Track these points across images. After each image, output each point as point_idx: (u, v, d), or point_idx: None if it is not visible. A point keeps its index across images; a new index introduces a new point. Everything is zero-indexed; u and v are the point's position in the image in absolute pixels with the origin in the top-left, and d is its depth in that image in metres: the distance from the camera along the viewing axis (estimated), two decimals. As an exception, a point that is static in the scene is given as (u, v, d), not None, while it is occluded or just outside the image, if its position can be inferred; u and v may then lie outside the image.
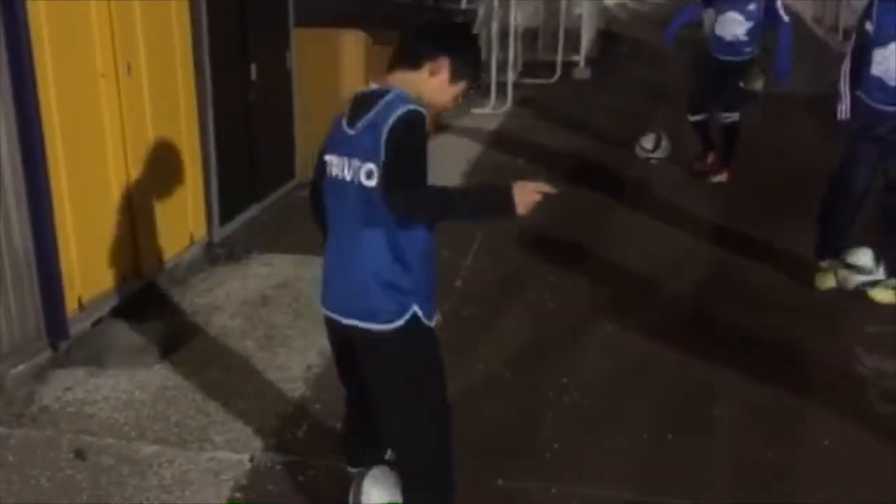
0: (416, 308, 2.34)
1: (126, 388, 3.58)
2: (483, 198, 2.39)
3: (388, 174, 2.21)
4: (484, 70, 9.11)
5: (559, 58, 10.08)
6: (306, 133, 5.95)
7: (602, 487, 3.00)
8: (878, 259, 4.41)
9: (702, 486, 3.01)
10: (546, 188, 2.28)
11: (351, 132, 2.33)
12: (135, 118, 4.13)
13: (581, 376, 3.71)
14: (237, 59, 5.13)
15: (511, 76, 8.83)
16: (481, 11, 8.99)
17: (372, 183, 2.26)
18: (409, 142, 2.22)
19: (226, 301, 4.39)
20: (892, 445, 3.22)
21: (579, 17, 10.54)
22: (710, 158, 6.49)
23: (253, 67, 5.26)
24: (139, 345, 3.89)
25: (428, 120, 2.27)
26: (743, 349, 3.94)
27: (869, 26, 4.23)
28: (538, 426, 3.35)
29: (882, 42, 4.17)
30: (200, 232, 4.83)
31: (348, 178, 2.32)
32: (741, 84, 6.21)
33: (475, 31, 9.04)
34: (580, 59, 10.33)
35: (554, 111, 8.55)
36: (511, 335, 4.09)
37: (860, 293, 4.43)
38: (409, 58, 2.39)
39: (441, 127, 7.74)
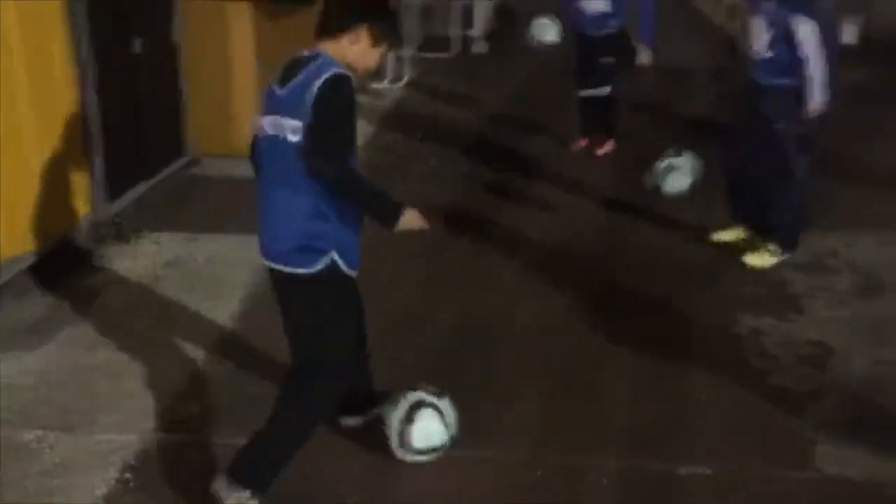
0: (335, 256, 2.56)
1: (8, 372, 3.45)
2: (381, 203, 2.62)
3: (312, 136, 2.44)
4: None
5: (456, 32, 10.09)
6: (197, 107, 5.81)
7: (501, 451, 3.08)
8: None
9: (592, 447, 3.12)
10: (426, 226, 2.64)
11: (281, 92, 2.55)
12: (8, 95, 3.93)
13: (475, 344, 3.78)
14: (119, 33, 4.94)
15: (408, 51, 8.80)
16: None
17: (296, 138, 2.47)
18: (334, 104, 2.45)
19: (115, 280, 4.27)
20: (767, 399, 3.41)
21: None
22: (583, 142, 6.39)
23: (137, 41, 5.08)
24: (23, 327, 3.75)
25: (354, 81, 2.49)
26: (630, 313, 4.08)
27: None
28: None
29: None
30: (86, 210, 4.66)
31: (273, 133, 2.54)
32: (609, 58, 6.08)
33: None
34: (477, 33, 10.36)
35: (451, 86, 8.57)
36: (410, 305, 4.11)
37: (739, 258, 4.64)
38: (330, 28, 2.59)
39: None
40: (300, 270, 2.57)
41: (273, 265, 2.63)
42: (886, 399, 3.41)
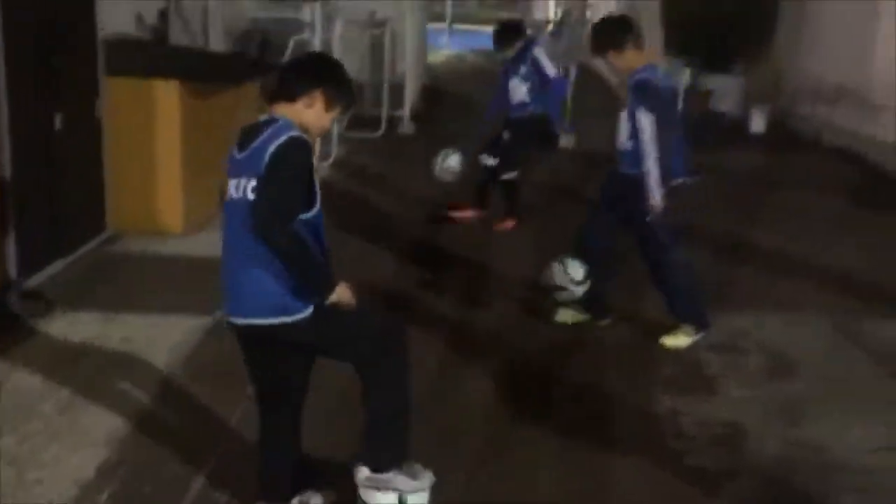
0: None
1: None
2: (317, 274, 2.73)
3: (259, 195, 2.57)
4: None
5: (384, 112, 10.29)
6: (119, 184, 5.74)
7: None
8: (585, 279, 4.67)
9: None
10: (353, 301, 2.78)
11: (240, 156, 2.68)
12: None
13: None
14: (40, 109, 4.89)
15: (336, 129, 8.90)
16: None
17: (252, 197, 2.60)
18: (285, 164, 2.58)
19: (24, 360, 4.10)
20: (684, 479, 3.45)
21: (404, 73, 10.83)
22: (472, 213, 6.80)
23: (58, 117, 5.03)
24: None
25: (311, 144, 2.65)
26: (550, 395, 4.12)
27: None
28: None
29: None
30: (-3, 289, 4.51)
31: (238, 195, 2.65)
32: (518, 143, 6.53)
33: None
34: (405, 113, 10.58)
35: (376, 165, 8.69)
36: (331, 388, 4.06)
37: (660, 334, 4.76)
38: (286, 92, 2.73)
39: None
40: (293, 318, 2.68)
41: (255, 321, 2.71)
42: (799, 479, 3.49)
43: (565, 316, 4.89)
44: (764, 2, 11.95)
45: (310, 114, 2.73)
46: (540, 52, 6.50)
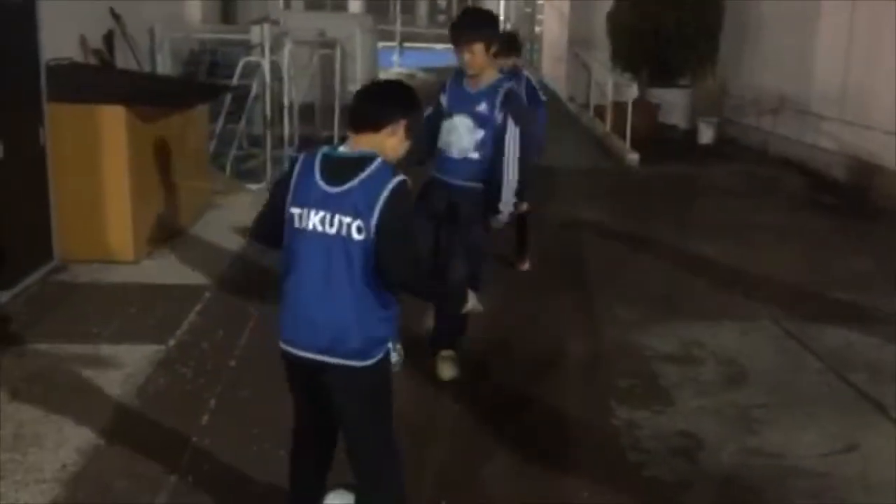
0: (389, 346, 2.73)
1: None
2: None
3: (391, 247, 2.61)
4: (259, 145, 9.11)
5: (336, 132, 10.26)
6: (67, 212, 5.63)
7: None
8: None
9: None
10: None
11: (334, 190, 2.61)
12: None
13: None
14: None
15: (288, 151, 8.86)
16: (255, 87, 8.99)
17: (361, 237, 2.59)
18: (405, 213, 2.67)
19: (-33, 399, 3.98)
20: (642, 491, 3.48)
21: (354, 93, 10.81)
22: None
23: (0, 146, 4.92)
24: None
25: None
26: (510, 408, 4.12)
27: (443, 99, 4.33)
28: None
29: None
30: (-62, 324, 4.38)
31: (331, 231, 2.60)
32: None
33: (248, 105, 9.06)
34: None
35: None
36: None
37: (616, 347, 4.80)
38: (371, 122, 2.70)
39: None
40: (359, 363, 2.68)
41: (319, 357, 2.69)
42: (756, 486, 3.53)
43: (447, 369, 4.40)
44: (707, 16, 12.21)
45: (393, 142, 2.72)
46: (530, 75, 6.03)
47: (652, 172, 10.08)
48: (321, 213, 2.62)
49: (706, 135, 11.93)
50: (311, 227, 2.63)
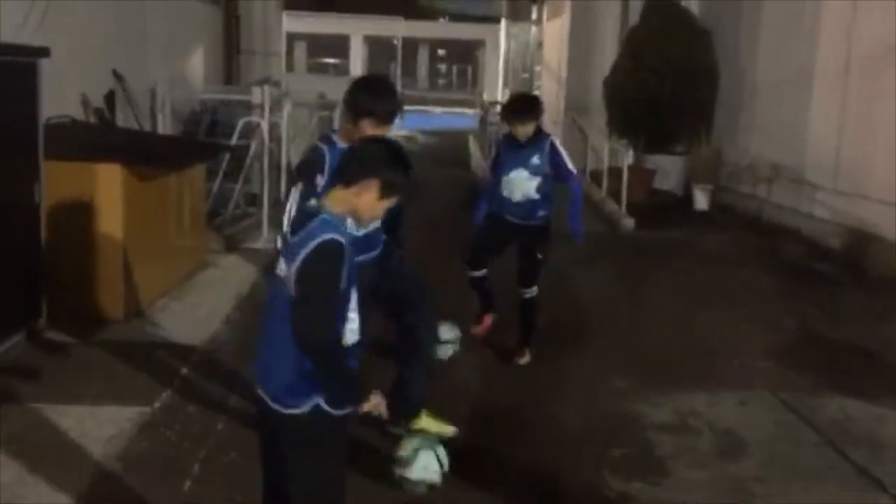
0: (319, 400, 2.63)
1: None
2: (350, 386, 2.70)
3: (296, 305, 2.57)
4: (257, 204, 9.13)
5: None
6: (59, 269, 5.59)
7: None
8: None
9: None
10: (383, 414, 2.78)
11: (292, 240, 2.67)
12: None
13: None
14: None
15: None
16: (253, 147, 9.05)
17: (289, 286, 2.61)
18: (317, 274, 2.57)
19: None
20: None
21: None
22: (487, 321, 5.88)
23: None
24: None
25: (346, 241, 2.61)
26: (501, 474, 4.03)
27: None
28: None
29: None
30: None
31: (282, 275, 2.67)
32: (539, 255, 5.38)
33: (247, 165, 9.11)
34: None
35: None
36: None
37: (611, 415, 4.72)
38: (343, 177, 2.71)
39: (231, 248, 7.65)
40: (288, 411, 2.64)
41: (267, 400, 2.70)
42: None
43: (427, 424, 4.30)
44: (702, 85, 12.39)
45: (362, 201, 2.69)
46: (558, 142, 5.38)
47: (647, 238, 10.09)
48: (283, 260, 2.70)
49: (701, 201, 11.98)
50: (277, 270, 2.74)
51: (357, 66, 41.82)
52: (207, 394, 4.75)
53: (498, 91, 31.95)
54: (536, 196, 5.29)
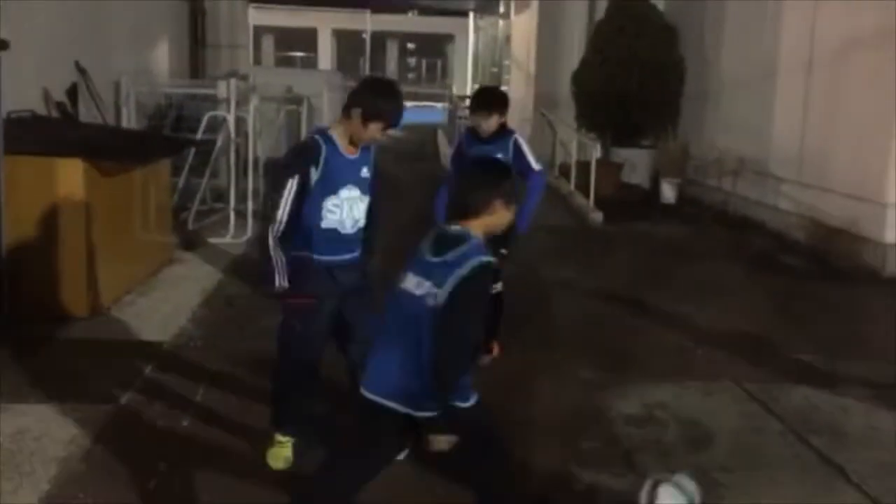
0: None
1: None
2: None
3: (446, 325, 2.76)
4: (223, 199, 9.04)
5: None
6: (20, 266, 5.51)
7: None
8: None
9: None
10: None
11: (432, 260, 2.87)
12: None
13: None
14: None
15: (251, 205, 8.80)
16: (219, 142, 8.96)
17: (432, 303, 2.79)
18: (475, 294, 2.83)
19: None
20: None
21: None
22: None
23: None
24: None
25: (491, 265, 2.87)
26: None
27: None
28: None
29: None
30: None
31: (418, 293, 2.83)
32: (501, 250, 5.12)
33: (213, 160, 9.02)
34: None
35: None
36: (240, 478, 3.89)
37: (578, 408, 4.74)
38: (473, 208, 2.94)
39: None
40: (419, 414, 2.82)
41: (388, 404, 2.85)
42: (717, 553, 3.47)
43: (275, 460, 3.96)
44: (669, 80, 12.50)
45: (493, 219, 2.98)
46: (522, 140, 5.26)
47: (615, 231, 10.16)
48: (417, 278, 2.90)
49: (668, 194, 12.09)
50: (404, 287, 2.94)
51: (325, 59, 41.59)
52: (173, 391, 4.70)
53: (467, 85, 31.98)
54: None
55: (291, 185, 3.59)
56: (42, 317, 5.59)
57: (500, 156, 5.07)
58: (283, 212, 3.61)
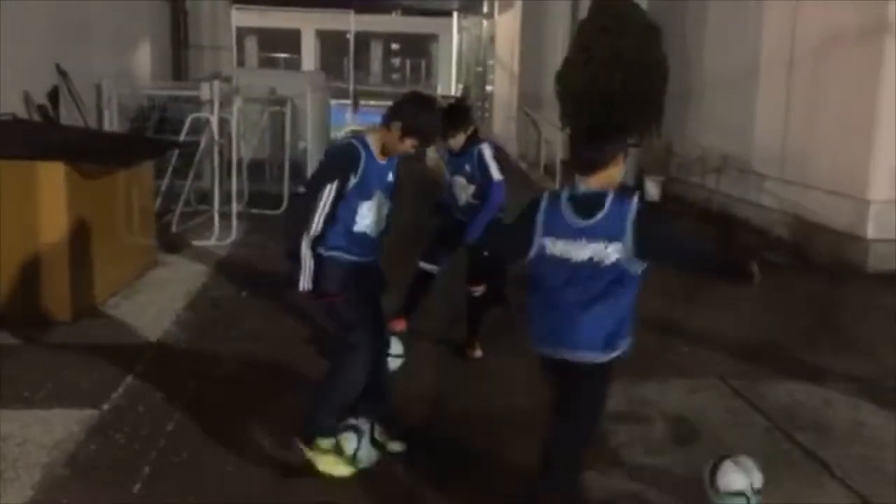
0: (624, 347, 3.38)
1: None
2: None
3: (665, 236, 3.38)
4: (207, 201, 9.00)
5: (286, 189, 10.21)
6: (2, 271, 5.46)
7: None
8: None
9: None
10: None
11: (584, 223, 3.25)
12: None
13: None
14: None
15: (236, 207, 8.77)
16: (203, 143, 8.92)
17: (616, 256, 3.24)
18: (652, 215, 3.32)
19: None
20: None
21: (305, 149, 10.83)
22: (401, 325, 5.71)
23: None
24: None
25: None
26: (454, 464, 4.04)
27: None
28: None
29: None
30: None
31: (584, 257, 3.25)
32: (485, 252, 5.22)
33: (196, 162, 8.97)
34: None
35: (279, 243, 8.56)
36: (225, 483, 3.87)
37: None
38: (602, 162, 3.29)
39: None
40: (601, 359, 3.29)
41: (572, 357, 3.30)
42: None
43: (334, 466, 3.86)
44: (652, 79, 12.53)
45: (617, 171, 3.35)
46: (487, 151, 5.36)
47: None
48: (575, 242, 3.29)
49: (652, 192, 12.14)
50: (560, 254, 3.36)
51: (309, 61, 41.45)
52: (158, 394, 4.67)
53: (451, 85, 31.97)
54: (475, 202, 5.40)
55: (330, 190, 3.68)
56: (25, 321, 5.55)
57: (467, 167, 5.42)
58: (319, 215, 3.69)
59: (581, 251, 3.24)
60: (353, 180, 3.71)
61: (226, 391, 4.78)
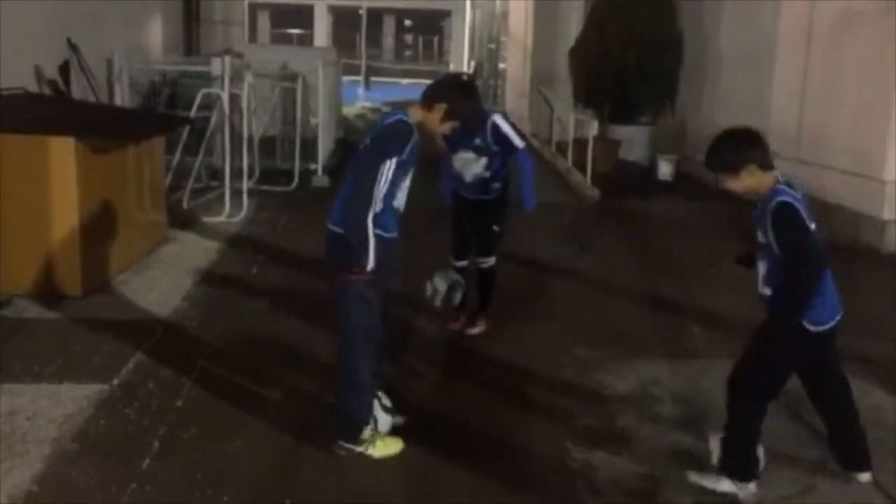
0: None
1: None
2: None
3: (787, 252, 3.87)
4: (218, 178, 8.99)
5: (297, 166, 10.19)
6: (13, 246, 5.47)
7: None
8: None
9: None
10: None
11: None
12: None
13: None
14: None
15: (247, 184, 8.75)
16: (214, 119, 8.90)
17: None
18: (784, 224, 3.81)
19: None
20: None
21: (316, 126, 10.77)
22: (463, 319, 5.58)
23: (-58, 176, 4.78)
24: None
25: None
26: (467, 446, 4.03)
27: None
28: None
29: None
30: None
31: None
32: (494, 226, 5.39)
33: (207, 137, 8.95)
34: (318, 167, 10.50)
35: (289, 219, 8.56)
36: (233, 458, 3.88)
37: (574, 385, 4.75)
38: (740, 163, 3.83)
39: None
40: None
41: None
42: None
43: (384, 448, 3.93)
44: (667, 56, 12.40)
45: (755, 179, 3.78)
46: (502, 121, 5.20)
47: (612, 208, 10.12)
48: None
49: (665, 171, 12.05)
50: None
51: (321, 36, 41.26)
52: (167, 370, 4.68)
53: (464, 62, 31.76)
54: (486, 174, 5.26)
55: (390, 166, 3.66)
56: (37, 296, 5.57)
57: (478, 140, 5.16)
58: (379, 192, 3.67)
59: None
60: (402, 157, 3.70)
61: (235, 367, 4.78)
